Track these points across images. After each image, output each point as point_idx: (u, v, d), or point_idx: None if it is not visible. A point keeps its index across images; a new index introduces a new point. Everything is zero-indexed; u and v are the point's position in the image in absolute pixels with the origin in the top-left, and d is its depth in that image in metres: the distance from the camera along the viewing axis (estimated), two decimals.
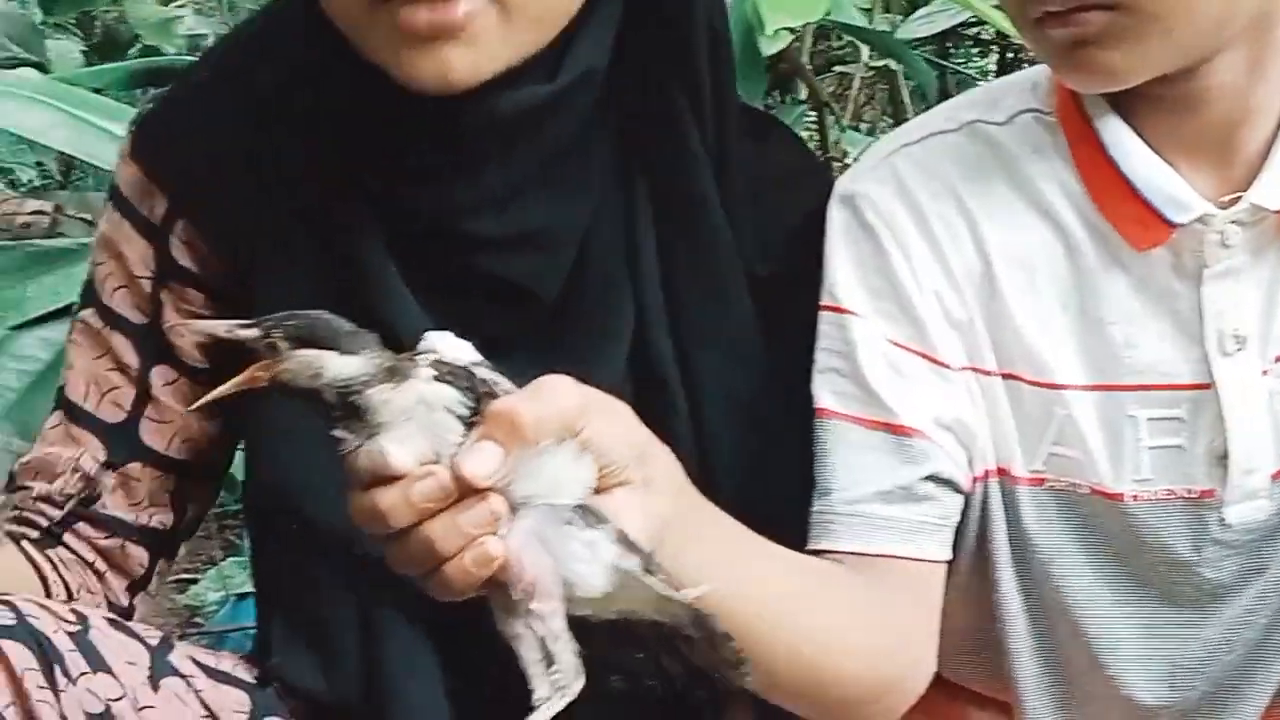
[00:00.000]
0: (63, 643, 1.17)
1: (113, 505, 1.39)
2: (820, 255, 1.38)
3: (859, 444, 1.31)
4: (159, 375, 1.39)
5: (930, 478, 1.30)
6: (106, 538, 1.39)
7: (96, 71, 2.53)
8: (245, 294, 1.35)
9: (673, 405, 1.35)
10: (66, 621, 1.19)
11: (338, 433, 0.98)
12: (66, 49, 3.01)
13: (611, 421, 1.06)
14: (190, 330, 1.13)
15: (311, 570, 1.34)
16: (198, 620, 3.02)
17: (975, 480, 1.34)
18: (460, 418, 0.98)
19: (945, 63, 3.79)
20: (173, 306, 1.38)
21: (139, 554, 1.41)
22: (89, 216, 2.82)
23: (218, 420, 1.42)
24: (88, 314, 1.41)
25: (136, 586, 1.42)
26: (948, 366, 1.32)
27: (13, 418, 1.99)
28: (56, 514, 1.37)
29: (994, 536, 1.36)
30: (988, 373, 1.33)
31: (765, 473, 1.35)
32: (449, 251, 1.32)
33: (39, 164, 4.73)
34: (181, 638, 1.59)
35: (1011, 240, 1.33)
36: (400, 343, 1.14)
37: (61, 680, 1.15)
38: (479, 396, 0.99)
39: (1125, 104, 1.29)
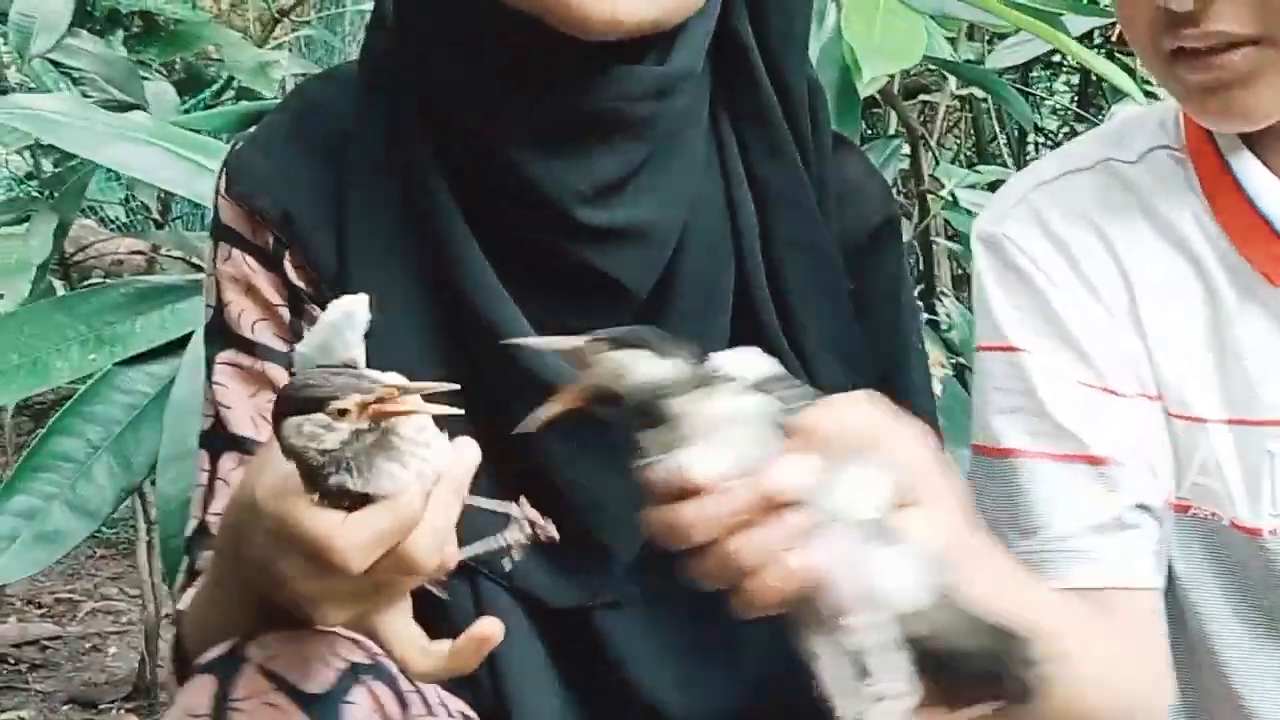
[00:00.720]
0: (404, 684, 1.17)
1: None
2: (886, 271, 1.41)
3: (1060, 480, 1.32)
4: None
5: (1136, 505, 1.30)
6: None
7: (204, 117, 2.57)
8: None
9: None
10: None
11: (643, 440, 0.98)
12: (162, 90, 3.05)
13: (905, 440, 1.06)
14: (525, 347, 1.12)
15: (451, 595, 1.34)
16: None
17: (1165, 504, 1.34)
18: (770, 430, 0.97)
19: (1028, 89, 3.78)
20: (309, 327, 1.31)
21: None
22: (186, 255, 2.86)
23: None
24: (230, 355, 1.38)
25: None
26: (1122, 395, 1.33)
27: (116, 450, 1.99)
28: None
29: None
30: (1147, 397, 1.33)
31: None
32: (549, 241, 1.33)
33: (126, 200, 4.78)
34: None
35: (1152, 275, 1.34)
36: (497, 337, 1.18)
37: None
38: (785, 410, 0.98)
39: (1256, 138, 1.29)
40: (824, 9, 2.12)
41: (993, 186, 2.67)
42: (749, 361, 1.02)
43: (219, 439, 1.37)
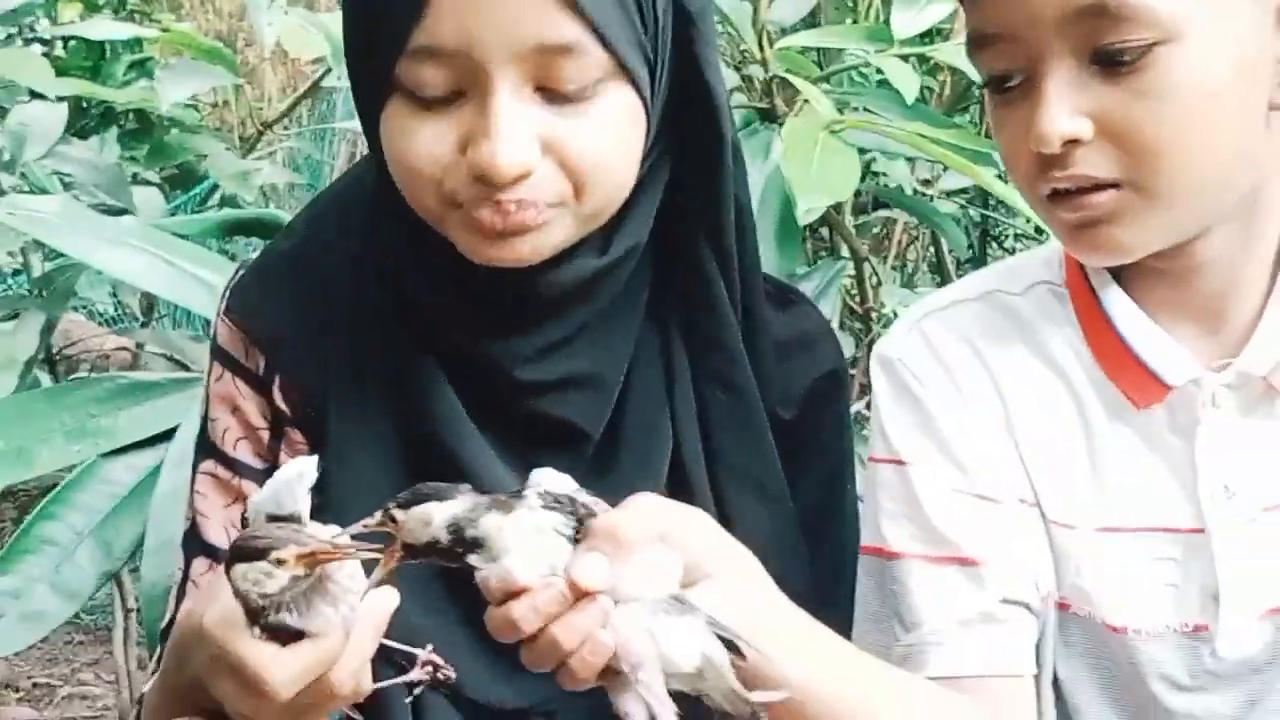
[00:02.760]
0: None
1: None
2: (827, 417, 1.54)
3: (935, 579, 1.42)
4: None
5: (1004, 600, 1.41)
6: None
7: (187, 221, 2.66)
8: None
9: None
10: None
11: (471, 560, 1.15)
12: (150, 196, 3.17)
13: (694, 526, 1.23)
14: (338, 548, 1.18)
15: (391, 699, 1.42)
16: None
17: (1044, 600, 1.44)
18: (566, 537, 1.15)
19: (985, 212, 3.89)
20: (287, 449, 1.47)
21: None
22: (168, 353, 2.96)
23: None
24: (210, 465, 1.49)
25: None
26: (998, 502, 1.43)
27: (99, 536, 2.07)
28: None
29: (1044, 656, 1.45)
30: (1023, 502, 1.44)
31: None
32: (508, 395, 1.42)
33: (114, 293, 4.88)
34: None
35: (1029, 397, 1.44)
36: (474, 477, 1.30)
37: None
38: (580, 518, 1.16)
39: (1126, 275, 1.40)
40: (770, 142, 2.23)
41: None
42: (554, 479, 1.20)
43: (194, 543, 1.47)
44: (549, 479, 1.21)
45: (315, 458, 1.21)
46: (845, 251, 2.92)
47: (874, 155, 2.74)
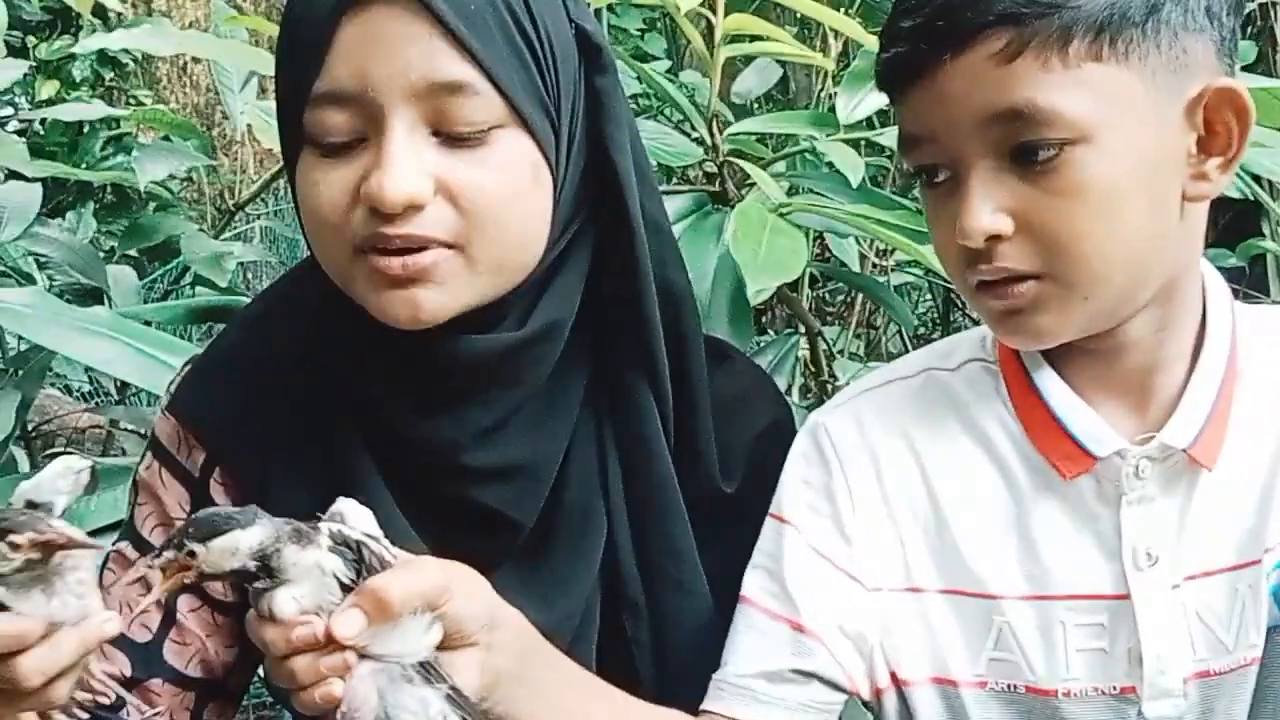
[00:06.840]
0: None
1: (134, 717, 1.51)
2: (773, 470, 1.56)
3: (763, 630, 1.49)
4: (185, 602, 1.55)
5: (813, 673, 1.48)
6: None
7: (157, 309, 2.70)
8: None
9: (638, 629, 1.51)
10: None
11: (258, 584, 1.20)
12: (123, 274, 3.21)
13: (469, 595, 1.27)
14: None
15: None
16: None
17: (879, 691, 1.51)
18: (342, 583, 1.20)
19: (947, 283, 3.94)
20: None
21: None
22: (141, 430, 3.00)
23: (234, 647, 1.57)
24: (123, 546, 1.55)
25: None
26: (864, 585, 1.49)
27: None
28: (85, 718, 1.41)
29: None
30: (923, 590, 1.50)
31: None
32: (440, 482, 1.46)
33: (89, 370, 4.91)
34: None
35: (956, 474, 1.50)
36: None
37: None
38: (363, 567, 1.21)
39: (1055, 352, 1.47)
40: (722, 224, 2.29)
41: None
42: (357, 515, 1.26)
43: None
44: (351, 511, 1.26)
45: (88, 462, 1.28)
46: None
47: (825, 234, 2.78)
